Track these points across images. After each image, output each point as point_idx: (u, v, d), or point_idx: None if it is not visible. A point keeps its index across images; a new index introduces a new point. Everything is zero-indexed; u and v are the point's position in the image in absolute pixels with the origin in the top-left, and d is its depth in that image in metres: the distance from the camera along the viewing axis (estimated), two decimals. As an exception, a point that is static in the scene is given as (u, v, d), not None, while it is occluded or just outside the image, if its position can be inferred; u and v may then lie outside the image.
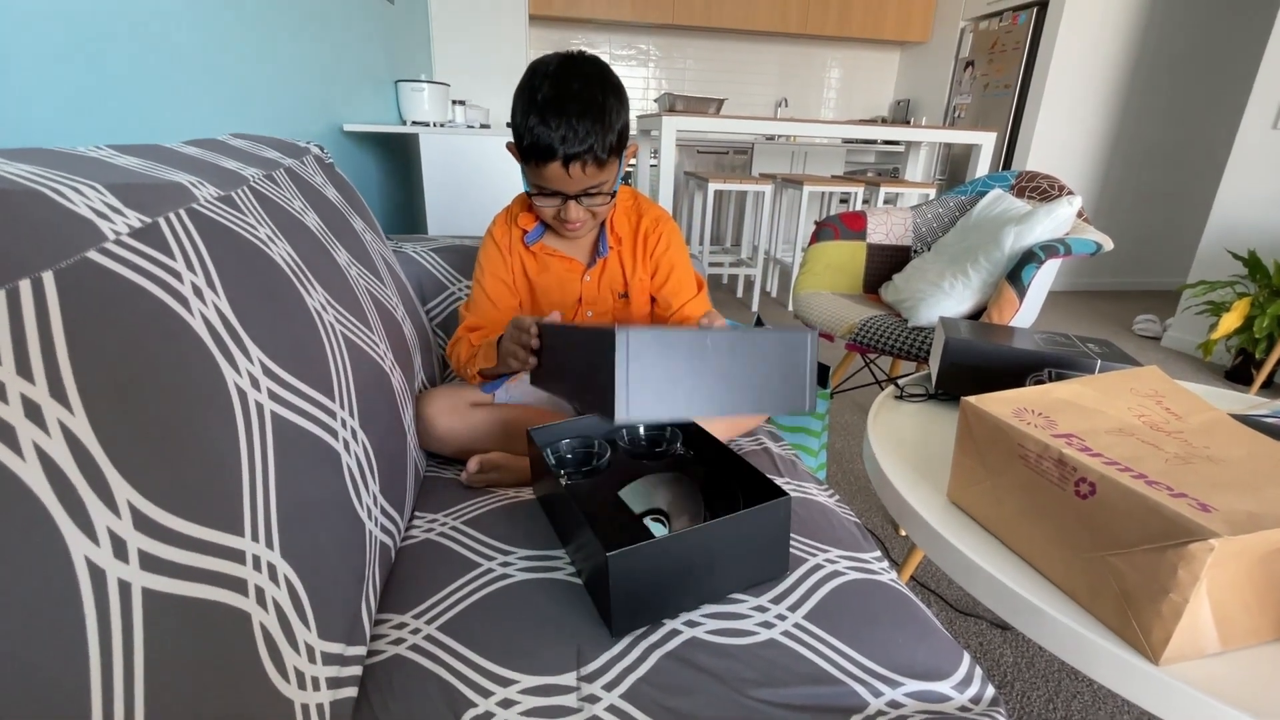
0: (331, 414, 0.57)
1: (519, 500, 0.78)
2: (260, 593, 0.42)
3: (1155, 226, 3.98)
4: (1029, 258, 1.23)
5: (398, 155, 2.64)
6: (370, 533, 0.61)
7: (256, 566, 0.42)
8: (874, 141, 4.85)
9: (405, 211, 2.70)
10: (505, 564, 0.64)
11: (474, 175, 2.19)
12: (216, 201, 0.56)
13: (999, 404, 0.73)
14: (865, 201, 3.36)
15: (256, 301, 0.53)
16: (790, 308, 3.30)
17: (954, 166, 4.43)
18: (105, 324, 0.37)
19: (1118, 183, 3.87)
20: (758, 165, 4.52)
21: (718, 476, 0.69)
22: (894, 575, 0.66)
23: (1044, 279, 1.29)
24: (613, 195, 0.89)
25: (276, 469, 0.47)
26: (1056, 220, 1.28)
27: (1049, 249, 1.23)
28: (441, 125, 2.38)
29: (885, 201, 3.40)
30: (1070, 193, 1.47)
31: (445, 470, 0.90)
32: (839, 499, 0.83)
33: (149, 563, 0.34)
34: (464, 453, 0.88)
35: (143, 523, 0.34)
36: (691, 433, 0.79)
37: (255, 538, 0.43)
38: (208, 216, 0.53)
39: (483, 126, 2.54)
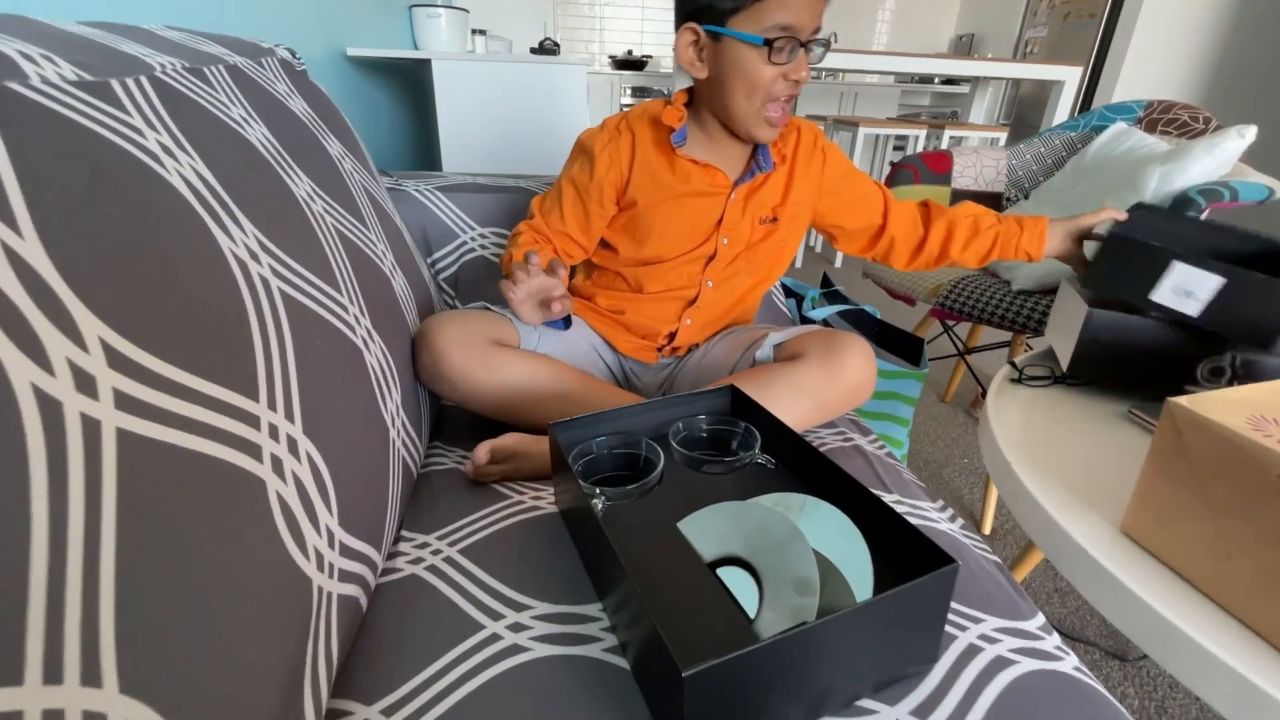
0: (344, 308, 0.52)
1: (538, 512, 0.59)
2: (278, 463, 0.36)
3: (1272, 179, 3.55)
4: (1184, 205, 0.97)
5: (411, 89, 2.40)
6: (393, 441, 0.56)
7: (274, 435, 0.37)
8: (930, 81, 4.43)
9: (421, 153, 2.48)
10: (517, 626, 0.45)
11: (495, 111, 1.95)
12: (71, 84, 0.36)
13: (1225, 408, 0.51)
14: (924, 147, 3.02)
15: (240, 178, 0.46)
16: (839, 264, 3.03)
17: (1021, 109, 4.01)
18: (56, 152, 0.31)
19: (1213, 128, 3.44)
20: (802, 107, 4.15)
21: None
22: (1078, 662, 0.45)
23: (1194, 233, 1.03)
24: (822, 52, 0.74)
25: (296, 347, 0.42)
26: (1219, 157, 1.01)
27: (1211, 193, 0.96)
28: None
29: (949, 146, 3.06)
30: (1219, 125, 1.19)
31: (444, 457, 0.71)
32: (963, 525, 0.62)
33: (127, 404, 0.28)
34: (475, 399, 0.71)
35: (120, 362, 0.29)
36: (774, 434, 0.58)
37: (273, 406, 0.37)
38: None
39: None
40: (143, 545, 0.27)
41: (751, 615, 0.41)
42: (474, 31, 2.45)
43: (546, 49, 2.21)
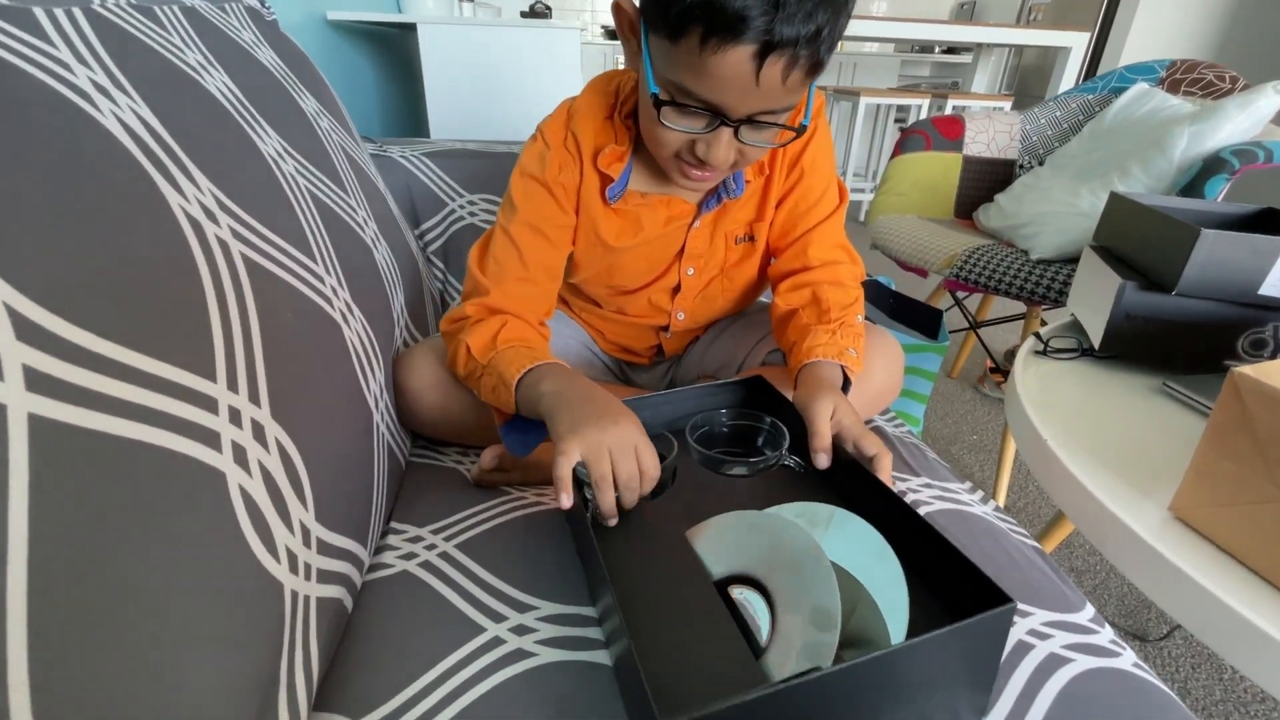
0: (320, 278, 0.47)
1: (541, 507, 0.54)
2: (241, 452, 0.32)
3: None
4: (1216, 166, 0.92)
5: (397, 57, 2.31)
6: (377, 425, 0.51)
7: (235, 421, 0.32)
8: (931, 50, 4.33)
9: (409, 123, 2.39)
10: (521, 628, 0.41)
11: (485, 78, 1.86)
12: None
13: (1296, 379, 0.46)
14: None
15: (194, 128, 0.41)
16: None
17: (1024, 79, 3.92)
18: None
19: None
20: (801, 78, 4.04)
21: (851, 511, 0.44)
22: (1135, 657, 0.41)
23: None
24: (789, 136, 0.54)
25: (262, 320, 0.37)
26: (1253, 116, 0.96)
27: (1245, 154, 0.91)
28: (445, 19, 2.03)
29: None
30: (1246, 85, 1.13)
31: (441, 456, 0.66)
32: (996, 508, 0.58)
33: (44, 384, 0.23)
34: (467, 435, 0.64)
35: (34, 335, 0.24)
36: (803, 431, 0.53)
37: (234, 387, 0.33)
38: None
39: (493, 24, 2.18)
40: (64, 558, 0.22)
41: (764, 647, 0.36)
42: (461, -2, 2.34)
43: (538, 13, 2.11)
